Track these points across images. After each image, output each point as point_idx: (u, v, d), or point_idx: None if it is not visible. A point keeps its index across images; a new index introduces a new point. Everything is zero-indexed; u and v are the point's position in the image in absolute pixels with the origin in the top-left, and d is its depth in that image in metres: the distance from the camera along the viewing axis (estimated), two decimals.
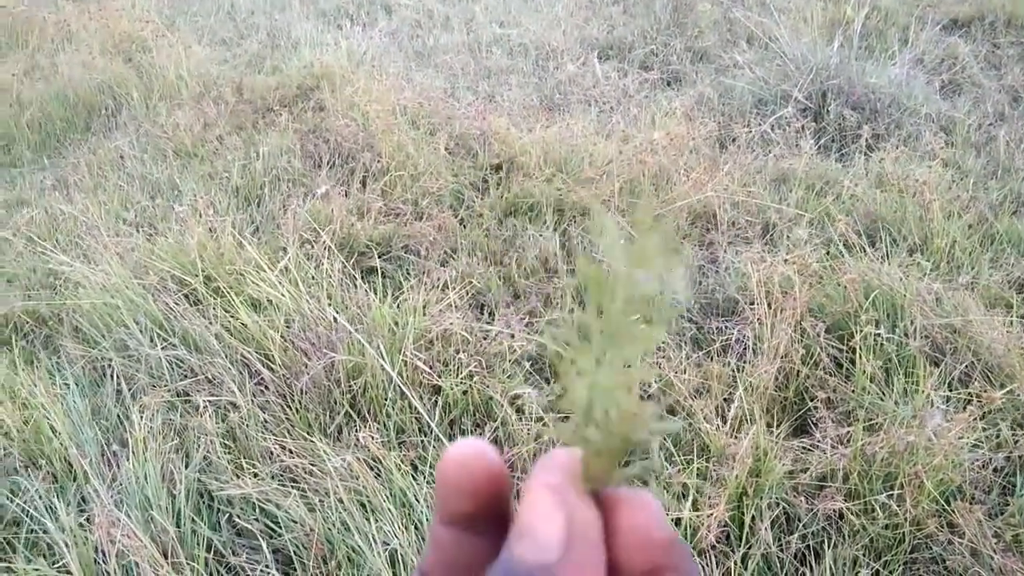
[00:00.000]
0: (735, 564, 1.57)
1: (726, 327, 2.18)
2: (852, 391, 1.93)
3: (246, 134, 3.45)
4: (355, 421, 1.92)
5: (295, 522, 1.67)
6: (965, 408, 1.75)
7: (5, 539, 1.76)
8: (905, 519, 1.60)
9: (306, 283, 2.26)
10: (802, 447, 1.80)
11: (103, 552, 1.60)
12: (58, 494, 1.80)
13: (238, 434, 1.89)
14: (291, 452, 1.81)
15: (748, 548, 1.60)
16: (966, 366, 1.96)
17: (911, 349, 1.96)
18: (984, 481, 1.71)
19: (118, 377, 2.14)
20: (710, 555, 1.57)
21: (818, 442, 1.77)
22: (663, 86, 3.97)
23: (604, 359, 0.27)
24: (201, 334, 2.15)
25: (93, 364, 2.23)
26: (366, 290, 2.28)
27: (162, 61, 4.23)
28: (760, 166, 3.00)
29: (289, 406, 1.96)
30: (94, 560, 1.64)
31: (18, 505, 1.78)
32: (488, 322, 2.23)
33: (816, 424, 1.84)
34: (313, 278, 2.32)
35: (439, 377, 1.99)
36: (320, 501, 1.69)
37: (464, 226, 2.72)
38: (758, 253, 2.36)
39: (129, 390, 2.09)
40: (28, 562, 1.66)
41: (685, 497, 1.65)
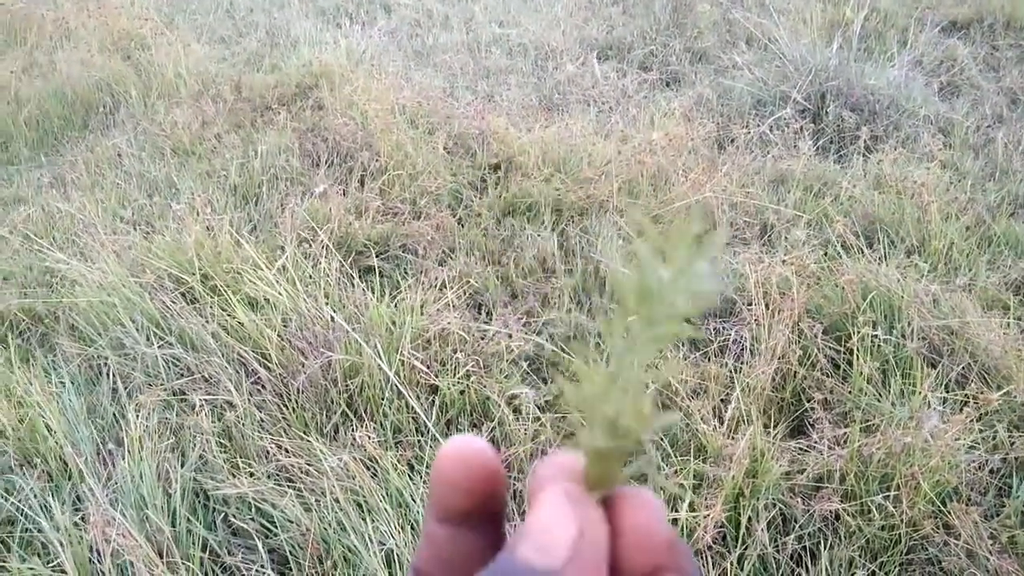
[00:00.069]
0: (731, 565, 1.56)
1: (723, 328, 2.18)
2: (849, 392, 1.93)
3: (244, 132, 3.44)
4: (352, 420, 1.92)
5: (291, 522, 1.66)
6: (962, 410, 1.75)
7: (0, 538, 1.76)
8: (901, 520, 1.60)
9: (303, 282, 2.26)
10: (799, 448, 1.80)
11: (98, 551, 1.60)
12: (53, 493, 1.79)
13: (234, 433, 1.89)
14: (287, 451, 1.81)
15: (744, 549, 1.60)
16: (963, 368, 1.96)
17: (908, 350, 1.96)
18: (980, 483, 1.71)
19: (114, 375, 2.13)
20: (706, 556, 1.57)
21: (815, 443, 1.77)
22: (662, 87, 3.97)
23: (624, 363, 0.26)
24: (198, 333, 2.14)
25: (89, 362, 2.22)
26: (363, 289, 2.28)
27: (160, 59, 4.22)
28: (758, 167, 3.00)
29: (286, 405, 1.95)
30: (89, 559, 1.64)
31: (13, 504, 1.78)
32: (486, 322, 2.23)
33: (813, 425, 1.84)
34: (310, 277, 2.32)
35: (436, 377, 1.99)
36: (316, 501, 1.68)
37: (462, 226, 2.72)
38: (756, 254, 2.37)
39: (125, 389, 2.09)
40: (23, 561, 1.66)
41: (682, 498, 1.65)
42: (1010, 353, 1.93)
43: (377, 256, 2.55)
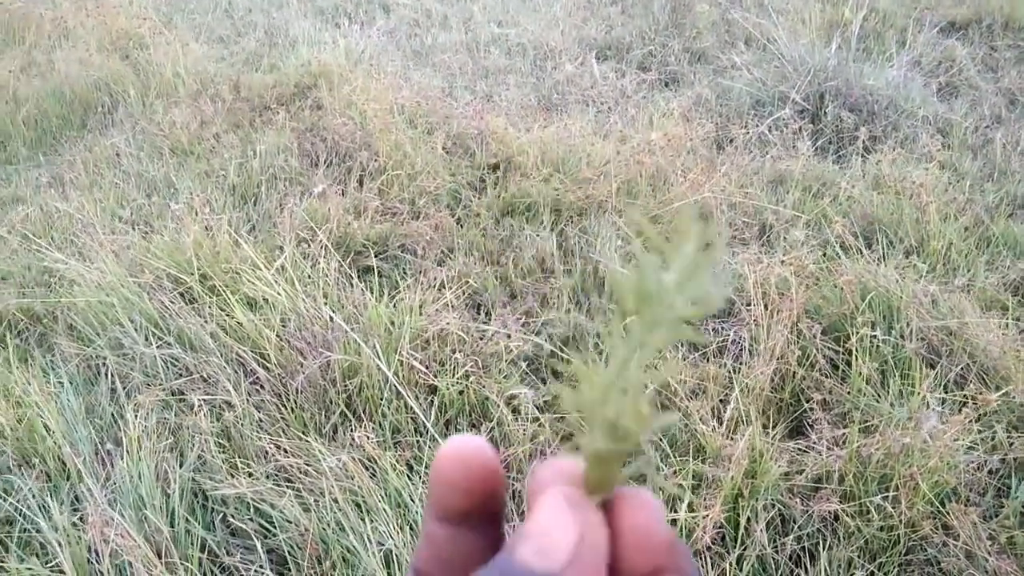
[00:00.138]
0: (730, 566, 1.57)
1: (722, 328, 2.18)
2: (848, 393, 1.93)
3: (243, 132, 3.44)
4: (350, 421, 1.91)
5: (290, 522, 1.66)
6: (960, 410, 1.75)
7: None
8: (900, 521, 1.60)
9: (302, 282, 2.26)
10: (798, 448, 1.80)
11: (96, 552, 1.60)
12: (51, 493, 1.79)
13: (233, 433, 1.89)
14: (286, 452, 1.81)
15: (743, 549, 1.60)
16: (962, 368, 1.96)
17: (907, 351, 1.96)
18: (979, 483, 1.71)
19: (112, 375, 2.13)
20: (705, 556, 1.57)
21: (814, 444, 1.77)
22: (661, 87, 3.97)
23: (626, 366, 0.26)
24: (196, 333, 2.14)
25: (87, 362, 2.22)
26: (362, 289, 2.28)
27: (159, 58, 4.21)
28: (757, 167, 3.01)
29: (284, 405, 1.95)
30: (87, 560, 1.63)
31: (11, 504, 1.77)
32: (484, 322, 2.23)
33: (812, 426, 1.84)
34: (309, 277, 2.31)
35: (435, 377, 1.99)
36: (315, 501, 1.68)
37: (461, 226, 2.72)
38: (755, 254, 2.37)
39: (123, 389, 2.08)
40: (21, 561, 1.66)
41: (681, 499, 1.65)
42: (1009, 354, 1.93)
43: (376, 256, 2.55)
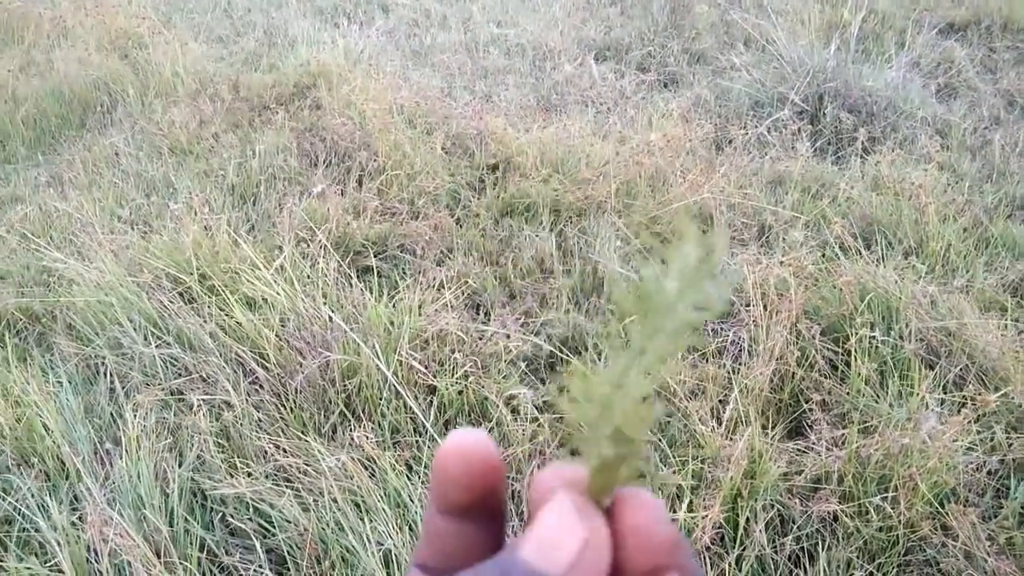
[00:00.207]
0: (729, 566, 1.57)
1: (721, 329, 2.18)
2: (847, 393, 1.93)
3: (242, 132, 3.44)
4: (350, 421, 1.91)
5: (289, 522, 1.66)
6: (959, 411, 1.76)
7: None
8: (899, 521, 1.60)
9: (301, 282, 2.26)
10: (797, 449, 1.81)
11: (95, 551, 1.59)
12: (50, 492, 1.79)
13: (232, 433, 1.89)
14: (285, 451, 1.81)
15: (742, 550, 1.60)
16: (961, 369, 1.97)
17: (906, 352, 1.97)
18: (978, 484, 1.72)
19: (111, 375, 2.13)
20: (705, 556, 1.57)
21: (813, 444, 1.77)
22: (660, 87, 3.98)
23: (630, 371, 0.26)
24: (195, 332, 2.14)
25: (86, 362, 2.22)
26: (361, 289, 2.28)
27: (158, 58, 4.21)
28: (756, 168, 3.01)
29: (283, 405, 1.95)
30: (86, 559, 1.63)
31: (10, 504, 1.77)
32: (484, 322, 2.23)
33: (811, 426, 1.84)
34: (308, 277, 2.31)
35: (434, 377, 1.99)
36: (314, 501, 1.68)
37: (460, 226, 2.72)
38: (754, 255, 2.37)
39: (122, 388, 2.08)
40: (20, 561, 1.65)
41: (680, 499, 1.65)
42: (1008, 354, 1.93)
43: (375, 256, 2.55)
